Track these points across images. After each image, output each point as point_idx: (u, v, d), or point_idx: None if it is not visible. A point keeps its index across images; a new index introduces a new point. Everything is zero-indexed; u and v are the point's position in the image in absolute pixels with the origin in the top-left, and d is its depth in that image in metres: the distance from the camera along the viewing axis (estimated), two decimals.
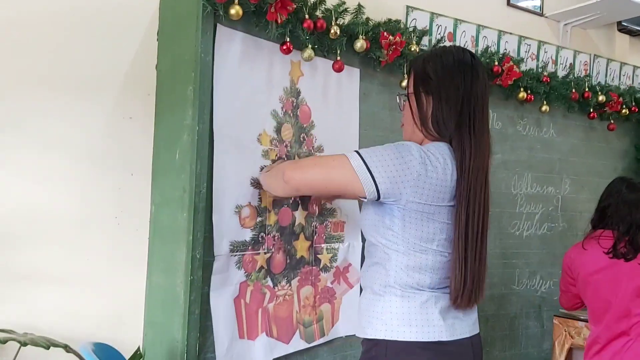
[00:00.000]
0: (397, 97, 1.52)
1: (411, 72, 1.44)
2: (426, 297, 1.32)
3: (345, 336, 1.95)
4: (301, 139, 1.84)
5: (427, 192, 1.27)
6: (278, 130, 1.78)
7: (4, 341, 1.41)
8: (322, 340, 1.89)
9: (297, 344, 1.81)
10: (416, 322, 1.30)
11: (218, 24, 1.62)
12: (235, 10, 1.58)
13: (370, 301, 1.37)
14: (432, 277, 1.33)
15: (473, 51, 2.31)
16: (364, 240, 1.95)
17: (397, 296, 1.32)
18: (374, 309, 1.35)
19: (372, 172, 1.27)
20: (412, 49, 2.04)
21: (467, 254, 1.32)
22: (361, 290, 1.45)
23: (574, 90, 2.58)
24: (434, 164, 1.27)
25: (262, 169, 1.72)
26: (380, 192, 1.27)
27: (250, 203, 1.69)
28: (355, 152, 1.30)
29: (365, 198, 1.31)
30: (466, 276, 1.32)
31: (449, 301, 1.34)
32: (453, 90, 1.33)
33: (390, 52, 1.97)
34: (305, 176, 1.39)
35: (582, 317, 2.35)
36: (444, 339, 1.30)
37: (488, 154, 1.36)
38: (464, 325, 1.36)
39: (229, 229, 1.63)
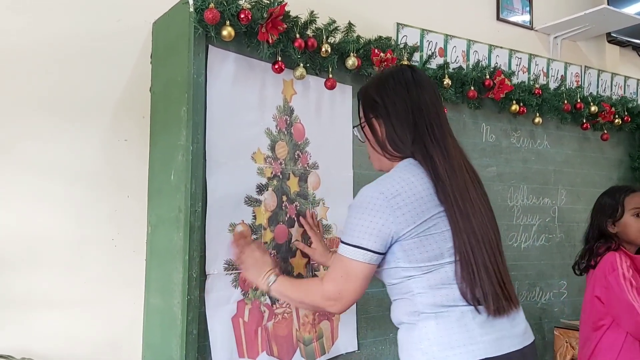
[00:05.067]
0: (354, 130, 1.52)
1: (359, 102, 1.47)
2: (460, 311, 1.27)
3: (346, 353, 1.94)
4: (296, 156, 1.86)
5: (407, 215, 1.27)
6: (272, 148, 1.79)
7: None
8: (323, 358, 1.88)
9: None
10: (457, 343, 1.25)
11: (210, 45, 1.64)
12: (227, 32, 1.60)
13: (406, 332, 1.33)
14: (460, 286, 1.28)
15: (464, 66, 2.37)
16: None
17: (431, 319, 1.28)
18: (410, 339, 1.31)
19: (361, 246, 1.28)
20: None
21: (472, 245, 1.28)
22: None
23: (566, 102, 2.60)
24: (396, 189, 1.28)
25: (257, 187, 1.73)
26: (379, 250, 1.29)
27: (243, 221, 1.70)
28: (340, 243, 1.33)
29: (377, 265, 1.32)
30: (475, 270, 1.27)
31: (493, 311, 1.27)
32: (400, 106, 1.35)
33: (382, 68, 1.99)
34: (349, 298, 1.34)
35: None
36: (491, 355, 1.24)
37: (460, 153, 1.38)
38: (512, 338, 1.30)
39: (223, 247, 1.64)
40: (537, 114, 2.57)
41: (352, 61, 1.91)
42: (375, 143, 1.41)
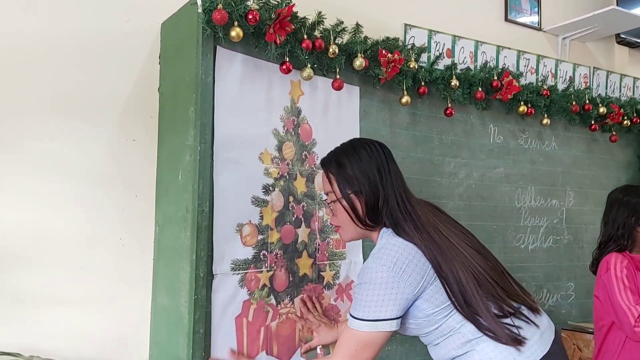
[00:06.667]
0: (326, 205, 1.56)
1: (329, 176, 1.48)
2: (507, 322, 1.34)
3: None
4: (303, 156, 1.86)
5: (414, 274, 1.32)
6: (279, 148, 1.80)
7: None
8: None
9: None
10: (517, 352, 1.31)
11: (218, 46, 1.65)
12: (235, 32, 1.61)
13: None
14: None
15: (472, 67, 2.37)
16: (364, 256, 1.97)
17: (484, 341, 1.34)
18: None
19: (379, 318, 1.32)
20: (411, 66, 2.07)
21: (464, 286, 1.34)
22: None
23: (574, 103, 2.59)
24: (394, 256, 1.33)
25: (264, 187, 1.74)
26: (398, 315, 1.33)
27: (250, 221, 1.70)
28: (352, 319, 1.35)
29: (397, 329, 1.36)
30: (479, 300, 1.34)
31: (526, 316, 1.37)
32: (373, 182, 1.41)
33: (389, 69, 1.99)
34: None
35: (589, 330, 2.33)
36: (545, 351, 1.34)
37: (426, 208, 1.46)
38: (547, 330, 1.40)
39: (230, 247, 1.65)
40: (545, 115, 2.56)
41: (359, 62, 1.91)
42: (355, 218, 1.44)
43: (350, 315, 1.37)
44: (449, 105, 2.24)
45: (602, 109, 2.69)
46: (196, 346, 1.55)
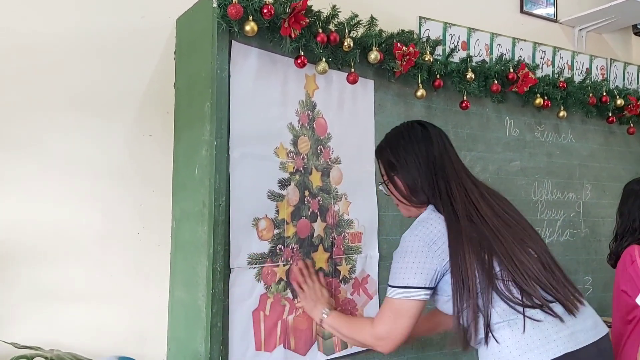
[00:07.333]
0: (380, 186, 1.68)
1: (377, 160, 1.65)
2: (530, 314, 1.35)
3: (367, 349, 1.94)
4: (318, 151, 1.86)
5: (443, 246, 1.40)
6: (295, 143, 1.80)
7: (31, 358, 1.43)
8: (343, 353, 1.88)
9: (314, 355, 1.81)
10: (535, 344, 1.33)
11: (233, 41, 1.65)
12: (250, 27, 1.61)
13: (483, 346, 1.39)
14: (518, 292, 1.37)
15: (487, 59, 2.35)
16: (380, 250, 1.97)
17: (505, 328, 1.35)
18: (490, 351, 1.37)
19: (407, 285, 1.41)
20: (426, 59, 2.05)
21: (508, 263, 1.37)
22: None
23: (591, 95, 2.56)
24: (427, 228, 1.43)
25: (279, 182, 1.74)
26: (426, 285, 1.41)
27: (266, 215, 1.71)
28: (388, 288, 1.46)
29: (427, 299, 1.44)
30: (522, 281, 1.37)
31: (553, 311, 1.36)
32: (412, 164, 1.52)
33: (404, 62, 1.98)
34: (397, 337, 1.46)
35: (608, 323, 2.30)
36: (570, 350, 1.32)
37: (469, 188, 1.50)
38: (585, 332, 1.38)
39: (246, 241, 1.66)
40: (562, 108, 2.53)
41: (374, 55, 1.90)
42: (401, 197, 1.57)
43: (387, 284, 1.47)
44: (465, 98, 2.22)
45: (619, 101, 2.66)
46: (214, 340, 1.56)
